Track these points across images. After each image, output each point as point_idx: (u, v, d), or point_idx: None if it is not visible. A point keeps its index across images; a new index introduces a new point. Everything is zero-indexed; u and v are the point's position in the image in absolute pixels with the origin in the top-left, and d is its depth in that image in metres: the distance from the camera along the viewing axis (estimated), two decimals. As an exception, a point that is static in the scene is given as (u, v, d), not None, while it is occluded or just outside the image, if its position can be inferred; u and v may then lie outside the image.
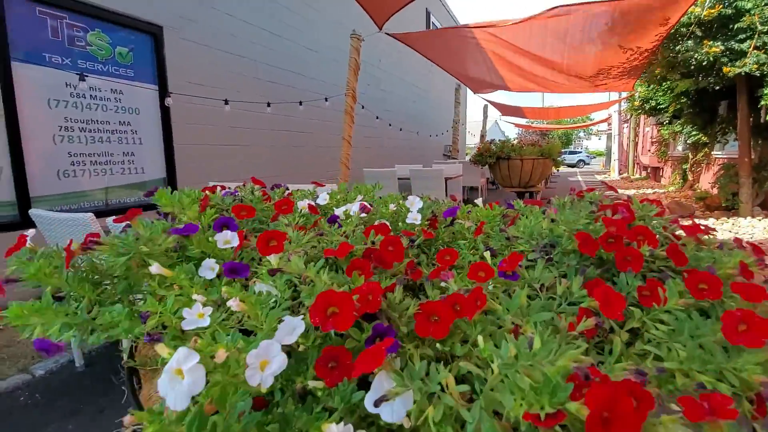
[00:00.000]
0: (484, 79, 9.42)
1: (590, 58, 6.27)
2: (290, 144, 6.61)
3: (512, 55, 6.53)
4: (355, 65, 5.88)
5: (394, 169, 5.80)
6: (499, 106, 15.03)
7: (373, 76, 9.45)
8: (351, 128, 6.07)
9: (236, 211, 0.94)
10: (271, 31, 6.04)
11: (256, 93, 5.75)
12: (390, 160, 10.22)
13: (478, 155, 3.80)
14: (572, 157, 35.00)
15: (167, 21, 4.46)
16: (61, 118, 3.60)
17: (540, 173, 3.69)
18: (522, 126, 23.82)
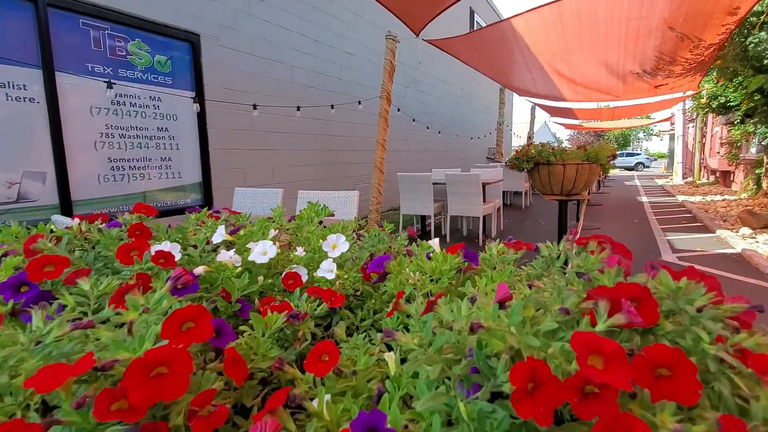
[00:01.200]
0: (529, 89, 8.96)
1: (649, 53, 5.72)
2: (326, 148, 6.59)
3: (563, 59, 6.10)
4: (390, 67, 5.74)
5: (428, 174, 5.58)
6: (547, 108, 14.29)
7: (413, 79, 9.27)
8: (385, 132, 5.93)
9: (35, 267, 0.64)
10: (307, 36, 6.05)
11: (292, 97, 5.76)
12: (428, 163, 9.98)
13: (514, 159, 3.50)
14: (630, 160, 32.72)
15: (205, 29, 4.55)
16: (102, 125, 3.75)
17: (585, 180, 3.33)
18: (573, 127, 22.58)
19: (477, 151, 13.72)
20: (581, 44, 5.77)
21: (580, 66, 6.48)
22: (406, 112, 8.74)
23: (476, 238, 5.59)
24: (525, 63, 6.48)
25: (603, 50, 5.79)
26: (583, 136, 35.54)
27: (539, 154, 3.33)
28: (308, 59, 6.08)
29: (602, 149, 3.29)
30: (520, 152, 3.45)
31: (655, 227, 6.54)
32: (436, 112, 10.59)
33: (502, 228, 6.65)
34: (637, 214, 7.90)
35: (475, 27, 13.09)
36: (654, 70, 6.26)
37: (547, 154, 3.30)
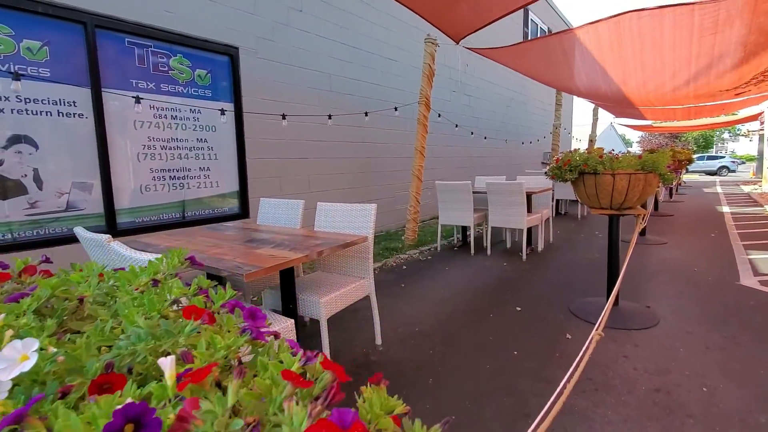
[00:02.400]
0: (590, 93, 8.26)
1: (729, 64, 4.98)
2: (365, 156, 6.51)
3: (631, 67, 5.51)
4: (429, 71, 5.55)
5: (467, 183, 5.28)
6: (611, 108, 13.19)
7: (459, 82, 8.96)
8: (424, 138, 5.74)
9: None
10: (345, 43, 6.02)
11: (329, 106, 5.76)
12: (474, 170, 9.58)
13: (555, 169, 3.14)
14: (712, 163, 29.43)
15: (243, 42, 4.66)
16: (144, 138, 3.95)
17: (639, 192, 2.89)
18: (643, 128, 20.71)
19: (531, 156, 13.00)
20: (648, 57, 5.16)
21: (651, 75, 5.81)
22: (451, 117, 8.46)
23: (520, 252, 5.19)
24: (584, 69, 5.95)
25: (677, 70, 5.14)
26: (655, 137, 32.65)
27: (585, 162, 2.96)
28: (345, 67, 6.05)
29: (661, 156, 2.84)
30: (562, 160, 3.09)
31: (736, 243, 5.67)
32: (485, 117, 10.16)
33: (552, 240, 6.14)
34: (715, 227, 6.94)
35: (529, 26, 12.46)
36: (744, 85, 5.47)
37: (594, 162, 2.92)
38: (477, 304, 3.58)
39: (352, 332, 3.05)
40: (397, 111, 6.39)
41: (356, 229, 2.77)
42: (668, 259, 4.85)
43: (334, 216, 2.92)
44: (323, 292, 2.42)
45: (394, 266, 4.97)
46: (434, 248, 5.81)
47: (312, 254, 2.10)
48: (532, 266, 4.78)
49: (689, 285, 3.92)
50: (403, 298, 3.79)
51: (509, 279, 4.32)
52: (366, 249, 2.71)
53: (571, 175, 3.03)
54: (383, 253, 5.45)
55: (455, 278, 4.40)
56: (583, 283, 4.08)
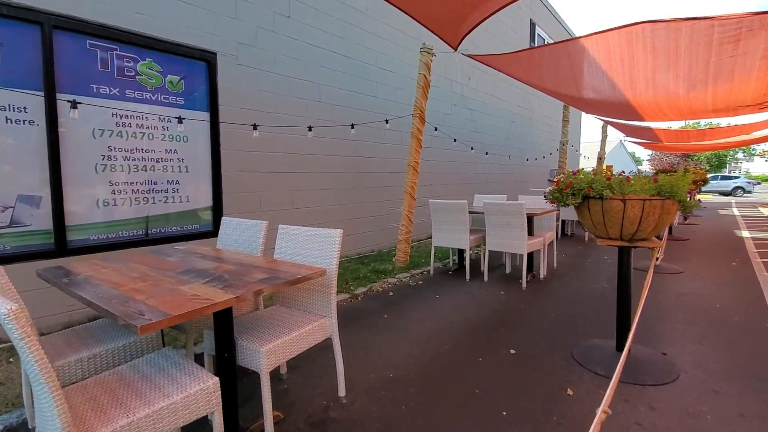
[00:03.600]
0: (599, 108, 7.85)
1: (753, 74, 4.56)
2: (356, 170, 6.13)
3: (641, 78, 5.11)
4: (424, 83, 5.19)
5: (462, 202, 4.86)
6: (620, 127, 12.75)
7: (461, 96, 8.62)
8: (418, 153, 5.35)
9: None
10: (338, 52, 5.71)
11: (318, 117, 5.41)
12: (476, 188, 9.16)
13: (555, 192, 2.72)
14: (726, 183, 28.66)
15: (222, 47, 4.35)
16: (104, 148, 3.61)
17: (654, 222, 2.45)
18: (654, 147, 20.17)
19: (537, 173, 12.55)
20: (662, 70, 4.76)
21: (664, 86, 5.40)
22: (451, 131, 8.09)
23: (520, 279, 4.72)
24: (592, 79, 5.56)
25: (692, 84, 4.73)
26: (667, 156, 32.01)
27: (589, 184, 2.53)
28: (337, 77, 5.73)
29: (680, 180, 2.40)
30: (563, 182, 2.66)
31: (762, 275, 5.14)
32: (488, 132, 9.78)
33: (555, 266, 5.65)
34: (735, 254, 6.40)
35: (536, 40, 12.16)
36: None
37: (600, 185, 2.48)
38: (465, 344, 3.12)
39: (315, 377, 2.61)
40: (388, 123, 6.02)
41: (318, 258, 2.36)
42: (686, 293, 4.34)
43: (296, 241, 2.51)
44: (267, 337, 2.00)
45: (381, 292, 4.52)
46: (427, 272, 5.36)
47: (246, 294, 1.70)
48: (532, 296, 4.31)
49: (712, 326, 3.42)
50: (383, 333, 3.34)
51: (505, 312, 3.85)
52: (328, 282, 2.29)
53: (574, 200, 2.60)
54: (370, 276, 5.01)
55: (445, 309, 3.94)
56: (588, 320, 3.59)
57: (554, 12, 13.49)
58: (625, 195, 2.44)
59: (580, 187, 2.58)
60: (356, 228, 6.21)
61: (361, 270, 5.31)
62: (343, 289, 4.47)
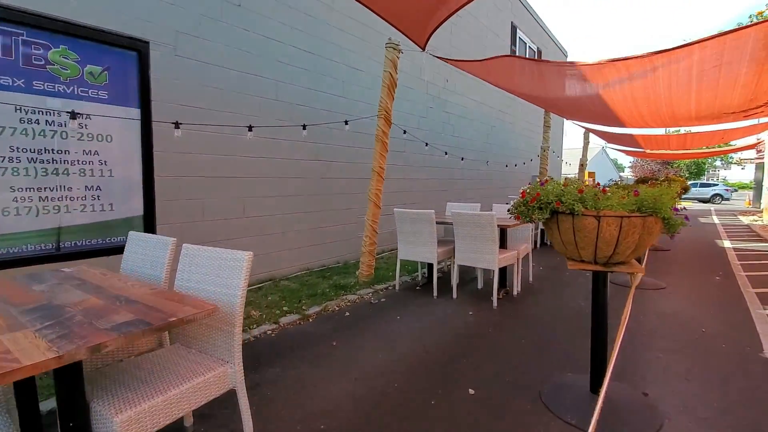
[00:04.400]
0: (579, 115, 7.55)
1: (737, 89, 4.28)
2: (319, 176, 5.66)
3: (621, 88, 4.80)
4: (390, 81, 4.77)
5: (429, 212, 4.43)
6: (602, 134, 12.58)
7: (438, 98, 8.23)
8: (383, 158, 4.91)
9: None
10: (299, 47, 5.25)
11: (276, 117, 4.94)
12: (454, 195, 8.78)
13: (520, 205, 2.31)
14: (705, 191, 29.02)
15: (157, 36, 3.85)
16: (5, 148, 3.07)
17: (634, 242, 2.05)
18: (635, 154, 20.20)
19: (518, 179, 12.25)
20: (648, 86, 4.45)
21: (644, 94, 5.09)
22: (427, 135, 7.69)
23: (492, 296, 4.30)
24: (571, 88, 5.21)
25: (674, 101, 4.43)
26: (648, 163, 32.32)
27: (558, 197, 2.11)
28: (299, 74, 5.26)
29: (664, 194, 2.01)
30: (529, 193, 2.25)
31: (747, 291, 4.83)
32: (467, 136, 9.42)
33: (531, 280, 5.26)
34: (718, 267, 6.12)
35: (517, 44, 11.90)
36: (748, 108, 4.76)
37: (571, 198, 2.07)
38: (420, 381, 2.67)
39: (230, 430, 2.12)
40: (349, 125, 5.56)
41: (221, 288, 1.88)
42: (669, 314, 3.98)
43: (200, 264, 2.03)
44: (132, 398, 1.51)
45: (337, 312, 4.05)
46: (392, 287, 4.90)
47: (76, 352, 1.21)
48: (503, 317, 3.89)
49: (699, 356, 3.04)
50: (327, 366, 2.87)
51: (471, 337, 3.41)
52: (230, 320, 1.82)
53: (541, 215, 2.18)
54: (329, 292, 4.54)
55: (404, 333, 3.49)
56: (562, 347, 3.18)
57: (536, 16, 13.29)
58: (599, 211, 2.03)
59: (548, 199, 2.16)
60: (320, 238, 5.73)
61: (320, 285, 4.83)
62: (294, 309, 3.99)
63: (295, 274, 5.28)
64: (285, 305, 4.11)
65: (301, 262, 5.44)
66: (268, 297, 4.38)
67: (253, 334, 3.43)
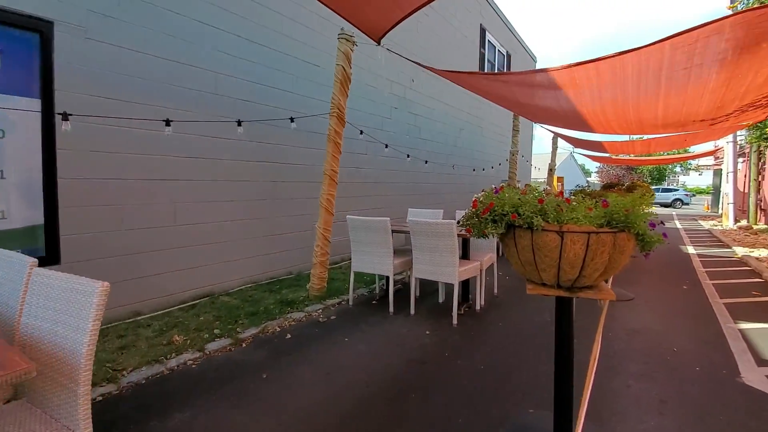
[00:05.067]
0: (548, 118, 7.37)
1: (706, 96, 4.11)
2: (269, 179, 5.16)
3: (592, 94, 4.57)
4: (342, 76, 4.34)
5: (383, 219, 4.03)
6: (570, 139, 12.61)
7: (404, 99, 7.87)
8: (336, 160, 4.47)
9: None
10: (243, 36, 4.75)
11: (214, 113, 4.42)
12: (421, 201, 8.43)
13: (471, 217, 1.94)
14: (667, 195, 30.07)
15: (63, 15, 3.28)
16: None
17: (604, 263, 1.72)
18: (602, 160, 20.61)
19: (487, 183, 12.05)
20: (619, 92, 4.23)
21: (612, 98, 4.89)
22: (391, 137, 7.30)
23: (453, 312, 3.92)
24: (541, 91, 4.95)
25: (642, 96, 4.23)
26: (613, 169, 33.20)
27: (514, 209, 1.74)
28: (244, 66, 4.76)
29: (637, 205, 1.67)
30: (481, 203, 1.87)
31: (716, 302, 4.67)
32: (434, 139, 9.11)
33: (496, 292, 4.93)
34: (684, 275, 6.00)
35: (486, 46, 11.75)
36: (717, 116, 4.62)
37: (530, 209, 1.70)
38: (358, 424, 2.23)
39: None
40: (301, 124, 5.07)
41: (64, 328, 1.39)
42: (638, 330, 3.71)
43: (49, 294, 1.53)
44: None
45: (277, 333, 3.57)
46: (345, 301, 4.46)
47: None
48: (463, 337, 3.51)
49: (673, 382, 2.74)
50: (249, 407, 2.39)
51: (425, 363, 3.01)
52: (73, 374, 1.33)
53: (495, 229, 1.79)
54: (272, 309, 4.05)
55: (349, 361, 3.05)
56: (525, 375, 2.83)
57: (506, 20, 13.21)
58: (562, 225, 1.66)
59: (503, 211, 1.78)
60: (270, 247, 5.22)
61: (265, 300, 4.33)
62: (227, 332, 3.48)
63: (239, 288, 4.75)
64: (217, 327, 3.59)
65: (246, 274, 4.92)
66: (200, 317, 3.85)
67: (170, 366, 2.91)
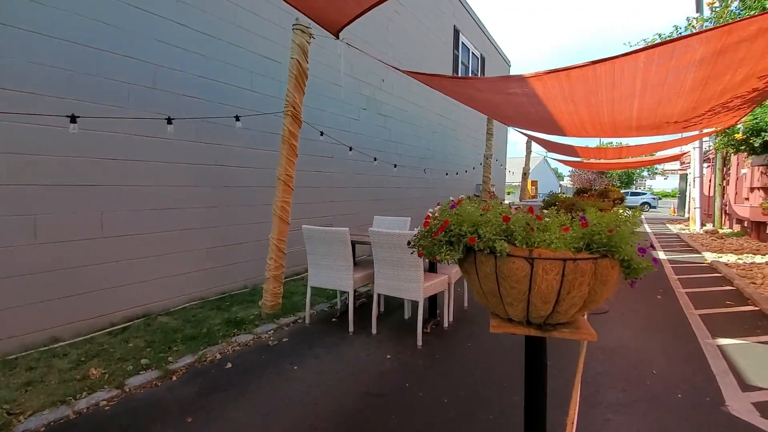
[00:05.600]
0: (520, 121, 7.15)
1: (679, 101, 3.93)
2: (220, 184, 4.70)
3: (565, 100, 4.33)
4: (298, 71, 3.94)
5: (342, 230, 3.65)
6: (543, 143, 12.55)
7: (373, 99, 7.52)
8: (292, 163, 4.06)
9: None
10: (190, 26, 4.28)
11: (158, 112, 3.93)
12: (390, 206, 8.09)
13: (423, 237, 1.59)
14: (635, 199, 30.92)
15: (-47, -12, 2.76)
16: None
17: (582, 296, 1.40)
18: (573, 164, 20.88)
19: (461, 188, 11.86)
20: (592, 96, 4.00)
21: (590, 105, 4.67)
22: (359, 139, 6.93)
23: (423, 328, 3.56)
24: (514, 95, 4.69)
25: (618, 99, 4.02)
26: (585, 173, 33.91)
27: (475, 228, 1.39)
28: (190, 59, 4.29)
29: (622, 224, 1.35)
30: (435, 220, 1.52)
31: (691, 313, 4.50)
32: (406, 142, 8.80)
33: (467, 305, 4.62)
34: (657, 283, 5.87)
35: (460, 48, 11.56)
36: (690, 118, 4.47)
37: (492, 229, 1.36)
38: (290, 487, 1.83)
39: None
40: (239, 121, 4.61)
41: None
42: (615, 348, 3.45)
43: None
44: None
45: (216, 361, 3.12)
46: (301, 319, 4.05)
47: None
48: (427, 362, 3.16)
49: (654, 413, 2.47)
50: (160, 467, 1.95)
51: (382, 397, 2.64)
52: None
53: (450, 254, 1.44)
54: (216, 331, 3.59)
55: (295, 396, 2.64)
56: (494, 408, 2.49)
57: (480, 23, 13.09)
58: (533, 249, 1.33)
59: (460, 231, 1.43)
60: (222, 259, 4.74)
61: (209, 321, 3.86)
62: (157, 361, 3.01)
63: (182, 307, 4.26)
64: (147, 355, 3.11)
65: (193, 290, 4.43)
66: (129, 342, 3.35)
67: (78, 408, 2.43)
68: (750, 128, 6.53)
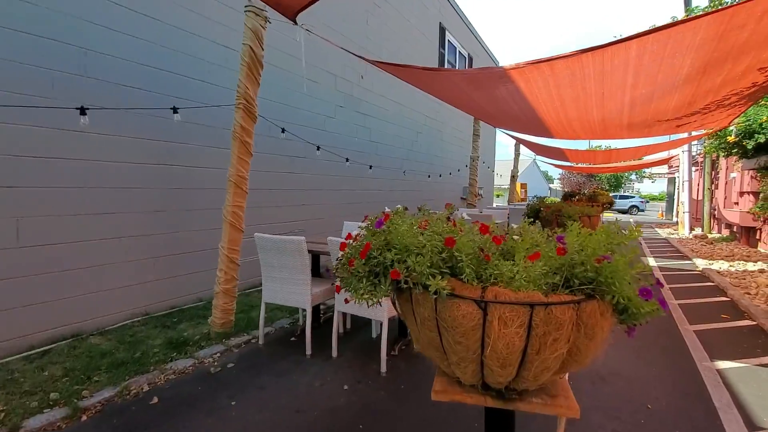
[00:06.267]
0: (508, 122, 6.78)
1: (674, 95, 3.57)
2: (173, 186, 4.22)
3: (554, 98, 3.96)
4: (250, 58, 3.51)
5: (298, 239, 3.21)
6: (531, 146, 12.24)
7: (351, 96, 7.09)
8: (245, 164, 3.61)
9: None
10: (133, 9, 3.81)
11: (91, 104, 3.45)
12: (368, 209, 7.65)
13: (341, 266, 1.18)
14: (623, 203, 30.92)
15: None
16: None
17: (561, 356, 1.02)
18: (563, 167, 20.69)
19: (447, 191, 11.48)
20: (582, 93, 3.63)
21: (578, 100, 4.31)
22: (335, 138, 6.49)
23: (389, 350, 3.13)
24: (500, 93, 4.31)
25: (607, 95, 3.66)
26: (574, 176, 33.88)
27: (401, 252, 0.97)
28: (130, 44, 3.81)
29: (617, 250, 0.95)
30: (352, 248, 1.10)
31: (686, 329, 4.15)
32: (388, 142, 8.38)
33: (443, 321, 4.20)
34: (648, 293, 5.52)
35: (446, 47, 11.19)
36: (685, 114, 4.13)
37: (427, 260, 0.94)
38: None
39: None
40: (178, 114, 4.12)
41: None
42: (605, 376, 3.06)
43: None
44: None
45: (141, 395, 2.65)
46: (253, 340, 3.59)
47: None
48: (390, 393, 2.73)
49: (649, 463, 2.07)
50: None
51: (329, 442, 2.20)
52: None
53: (375, 293, 1.01)
54: (153, 355, 3.12)
55: (224, 442, 2.19)
56: (460, 459, 2.07)
57: (467, 21, 12.75)
58: (486, 288, 0.90)
59: (384, 260, 1.00)
60: (171, 269, 4.27)
61: (149, 341, 3.39)
62: (69, 396, 2.53)
63: (121, 324, 3.77)
64: (61, 387, 2.63)
65: (135, 305, 3.94)
66: (45, 370, 2.86)
67: (-56, 466, 1.95)
68: (743, 130, 6.25)
